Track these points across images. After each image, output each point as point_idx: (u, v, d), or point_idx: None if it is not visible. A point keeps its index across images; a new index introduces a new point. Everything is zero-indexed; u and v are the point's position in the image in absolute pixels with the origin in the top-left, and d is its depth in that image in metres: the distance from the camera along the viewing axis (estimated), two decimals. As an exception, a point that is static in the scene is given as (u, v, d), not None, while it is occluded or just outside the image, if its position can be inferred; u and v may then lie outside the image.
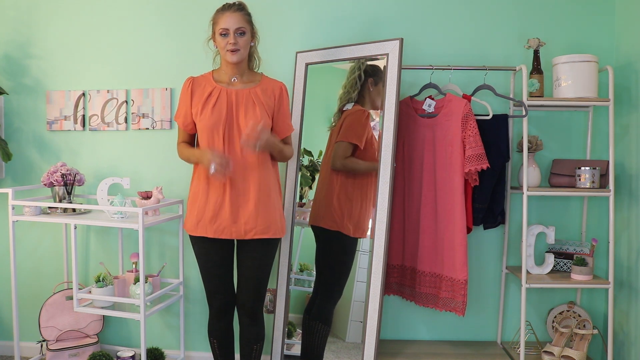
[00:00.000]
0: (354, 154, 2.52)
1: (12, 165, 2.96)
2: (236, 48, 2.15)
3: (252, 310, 2.28)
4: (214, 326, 2.34)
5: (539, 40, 2.56)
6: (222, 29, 2.15)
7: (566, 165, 2.60)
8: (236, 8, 2.18)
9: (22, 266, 2.94)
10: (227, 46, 2.15)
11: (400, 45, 2.43)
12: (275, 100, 2.26)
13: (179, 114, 2.28)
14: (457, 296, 2.46)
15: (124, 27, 2.88)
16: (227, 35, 2.15)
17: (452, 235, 2.49)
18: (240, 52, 2.17)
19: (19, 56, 2.94)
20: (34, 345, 2.83)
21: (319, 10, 2.81)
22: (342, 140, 2.52)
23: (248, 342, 2.32)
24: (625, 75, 2.62)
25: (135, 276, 2.52)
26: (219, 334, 2.34)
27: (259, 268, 2.23)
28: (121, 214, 2.46)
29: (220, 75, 2.25)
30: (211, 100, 2.18)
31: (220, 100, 2.18)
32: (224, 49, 2.17)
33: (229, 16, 2.15)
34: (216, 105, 2.17)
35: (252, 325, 2.30)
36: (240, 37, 2.16)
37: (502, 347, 2.73)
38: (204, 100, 2.19)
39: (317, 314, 2.57)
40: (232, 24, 2.14)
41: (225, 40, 2.15)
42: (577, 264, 2.52)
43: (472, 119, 2.48)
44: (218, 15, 2.19)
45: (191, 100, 2.22)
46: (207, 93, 2.20)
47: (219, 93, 2.19)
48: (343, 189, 2.54)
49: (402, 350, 2.67)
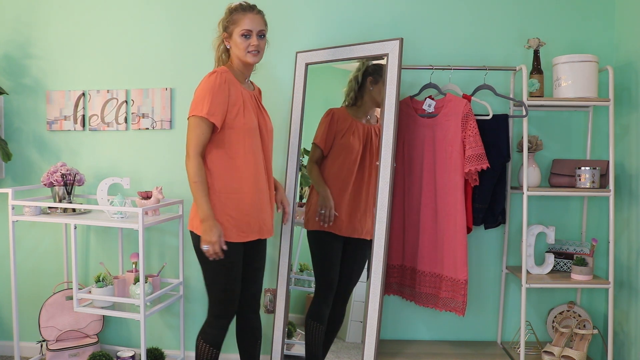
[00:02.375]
0: (322, 155, 2.59)
1: (12, 165, 2.96)
2: (258, 49, 2.13)
3: (258, 303, 2.35)
4: (221, 337, 2.24)
5: (539, 40, 2.56)
6: (245, 30, 2.10)
7: (566, 165, 2.60)
8: (257, 10, 2.17)
9: (22, 266, 2.94)
10: (250, 47, 2.12)
11: (400, 45, 2.43)
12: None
13: (213, 112, 2.04)
14: (457, 296, 2.46)
15: (124, 27, 2.88)
16: (249, 37, 2.12)
17: (452, 235, 2.49)
18: (260, 54, 2.17)
19: (19, 56, 2.94)
20: (34, 345, 2.83)
21: (319, 10, 2.81)
22: (313, 141, 2.63)
23: (255, 338, 2.34)
24: (625, 75, 2.62)
25: (135, 276, 2.52)
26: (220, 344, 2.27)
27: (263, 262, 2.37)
28: (121, 214, 2.46)
29: (237, 75, 2.19)
30: (245, 101, 2.14)
31: (248, 102, 2.16)
32: (245, 50, 2.12)
33: (252, 18, 2.12)
34: (249, 107, 2.15)
35: (257, 319, 2.35)
36: (261, 39, 2.15)
37: (502, 347, 2.73)
38: (236, 100, 2.10)
39: (309, 313, 2.59)
40: (255, 25, 2.12)
41: (246, 41, 2.11)
42: (577, 264, 2.52)
43: (472, 119, 2.48)
44: (239, 16, 2.13)
45: (228, 96, 2.08)
46: (236, 92, 2.12)
47: (242, 93, 2.16)
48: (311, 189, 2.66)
49: (402, 350, 2.67)
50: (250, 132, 2.13)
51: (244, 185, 2.12)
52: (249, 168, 2.12)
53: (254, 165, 2.14)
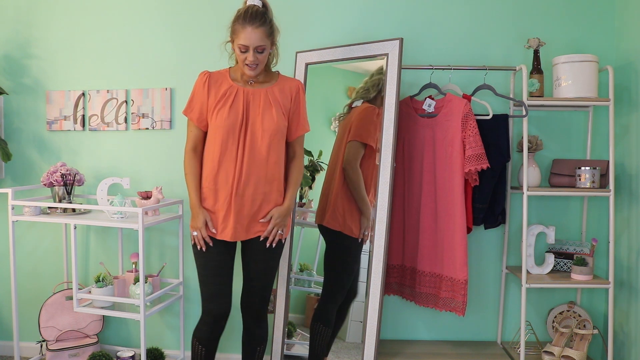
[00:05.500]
0: (365, 153, 2.49)
1: (12, 165, 2.96)
2: (255, 63, 2.06)
3: (257, 312, 2.27)
4: (207, 334, 2.24)
5: (538, 40, 2.56)
6: (242, 46, 2.03)
7: (566, 165, 2.60)
8: (259, 23, 2.01)
9: (22, 266, 2.94)
10: (246, 61, 2.06)
11: (400, 45, 2.43)
12: (292, 101, 2.19)
13: (192, 108, 2.16)
14: (457, 296, 2.46)
15: (124, 27, 2.88)
16: (247, 52, 2.04)
17: (452, 235, 2.49)
18: (259, 67, 2.09)
19: (19, 56, 2.94)
20: (34, 345, 2.83)
21: (319, 10, 2.81)
22: (354, 140, 2.48)
23: (251, 345, 2.30)
24: (625, 75, 2.62)
25: (135, 276, 2.52)
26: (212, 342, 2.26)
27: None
28: (121, 214, 2.46)
29: (237, 74, 2.16)
30: (228, 99, 2.11)
31: (237, 99, 2.11)
32: (242, 62, 2.07)
33: (251, 33, 2.00)
34: (233, 104, 2.10)
35: (255, 326, 2.28)
36: (260, 54, 2.05)
37: (502, 347, 2.73)
38: (220, 98, 2.11)
39: (317, 315, 2.56)
40: (252, 41, 2.01)
41: (243, 55, 2.05)
42: (577, 263, 2.52)
43: (472, 118, 2.48)
44: (238, 28, 2.03)
45: (207, 95, 2.12)
46: (224, 90, 2.12)
47: (236, 92, 2.12)
48: (345, 188, 2.51)
49: (402, 350, 2.67)
50: (222, 130, 2.08)
51: (206, 182, 2.14)
52: (212, 165, 2.11)
53: (219, 163, 2.10)
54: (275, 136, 2.12)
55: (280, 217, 2.16)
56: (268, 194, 2.14)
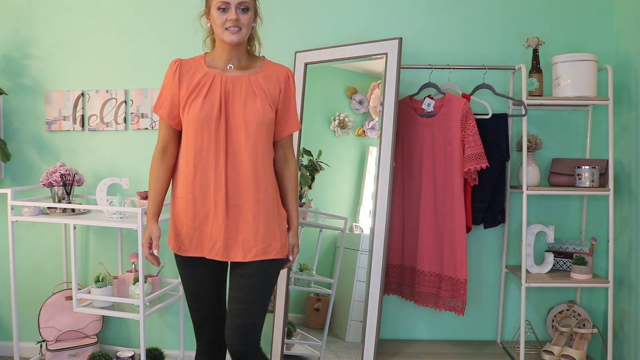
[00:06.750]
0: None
1: (11, 166, 2.96)
2: (237, 25, 1.74)
3: (237, 340, 1.83)
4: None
5: (538, 39, 2.56)
6: (221, 2, 1.73)
7: (566, 165, 2.60)
8: None
9: (21, 266, 2.94)
10: (227, 23, 1.74)
11: (399, 44, 2.43)
12: (281, 91, 1.85)
13: (161, 104, 1.84)
14: (457, 295, 2.46)
15: (123, 27, 2.88)
16: (227, 10, 1.74)
17: (452, 235, 2.49)
18: (242, 32, 1.76)
19: (18, 56, 2.93)
20: (34, 345, 2.82)
21: (318, 9, 2.80)
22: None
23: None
24: (625, 74, 2.62)
25: (135, 276, 2.52)
26: None
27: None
28: (120, 214, 2.46)
29: (214, 60, 1.84)
30: (202, 88, 1.78)
31: (214, 89, 1.78)
32: (222, 26, 1.75)
33: None
34: (208, 94, 1.77)
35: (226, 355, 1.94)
36: (243, 13, 1.75)
37: (502, 347, 2.73)
38: (193, 89, 1.79)
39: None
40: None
41: (224, 16, 1.74)
42: (576, 263, 2.52)
43: (472, 118, 2.48)
44: None
45: (179, 87, 1.81)
46: (198, 79, 1.80)
47: (212, 80, 1.79)
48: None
49: (402, 349, 2.67)
50: (195, 125, 1.77)
51: (179, 187, 1.85)
52: (187, 170, 1.81)
53: (193, 164, 1.79)
54: (261, 130, 1.78)
55: (298, 242, 1.92)
56: (263, 202, 1.80)
